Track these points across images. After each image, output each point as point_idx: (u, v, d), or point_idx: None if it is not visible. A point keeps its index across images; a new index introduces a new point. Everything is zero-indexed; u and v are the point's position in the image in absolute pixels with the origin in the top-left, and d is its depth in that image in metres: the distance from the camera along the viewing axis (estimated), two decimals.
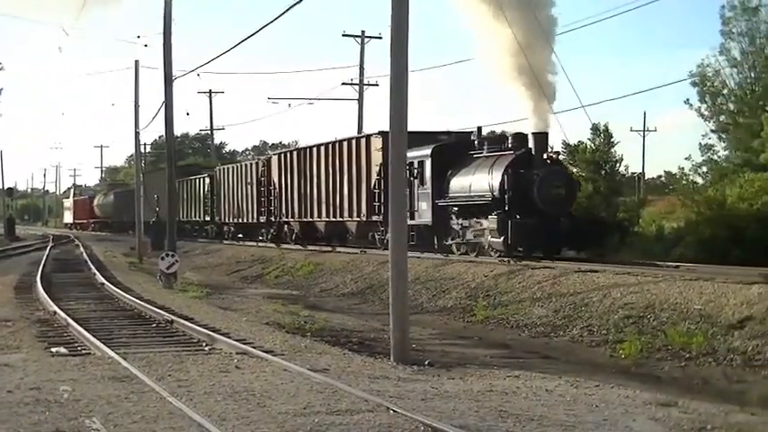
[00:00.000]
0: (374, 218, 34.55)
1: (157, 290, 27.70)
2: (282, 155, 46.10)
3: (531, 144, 27.70)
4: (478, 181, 28.48)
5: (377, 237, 34.87)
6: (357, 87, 55.89)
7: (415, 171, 30.93)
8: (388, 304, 15.91)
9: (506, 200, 27.05)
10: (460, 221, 29.70)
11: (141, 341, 16.90)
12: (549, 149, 27.86)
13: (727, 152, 42.03)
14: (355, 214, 36.52)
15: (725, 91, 40.57)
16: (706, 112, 42.52)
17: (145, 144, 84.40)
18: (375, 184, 34.47)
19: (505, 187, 27.08)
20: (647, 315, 18.57)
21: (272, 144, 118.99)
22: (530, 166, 27.12)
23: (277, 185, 45.10)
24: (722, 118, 41.91)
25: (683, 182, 39.56)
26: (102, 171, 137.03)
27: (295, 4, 21.19)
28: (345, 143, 37.78)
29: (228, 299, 26.27)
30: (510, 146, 28.43)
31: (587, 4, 73.78)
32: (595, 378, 13.81)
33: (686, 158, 60.80)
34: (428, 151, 30.97)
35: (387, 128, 15.90)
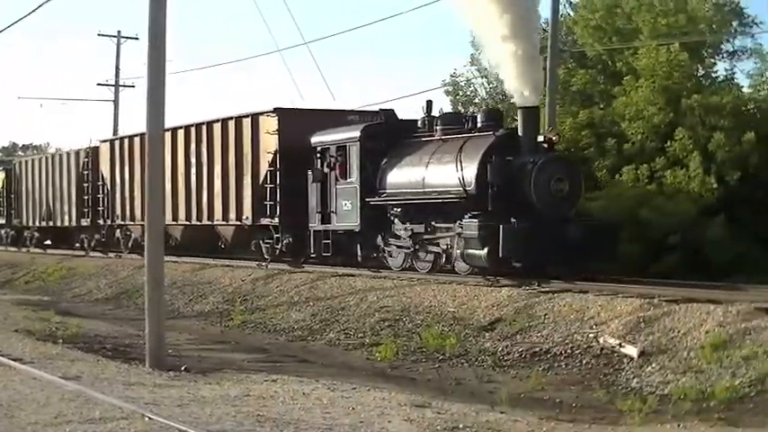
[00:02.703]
0: (264, 221, 26.57)
1: None
2: (118, 142, 35.98)
3: (519, 123, 20.80)
4: (438, 172, 21.32)
5: (264, 245, 26.85)
6: (113, 88, 54.58)
7: (331, 160, 24.05)
8: (143, 309, 15.58)
9: (489, 197, 19.95)
10: (409, 226, 22.35)
11: None
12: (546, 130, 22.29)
13: None
14: (233, 216, 28.16)
15: (476, 99, 41.80)
16: None
17: None
18: (266, 178, 26.36)
19: (487, 180, 19.97)
20: (403, 318, 18.89)
21: (23, 145, 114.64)
22: (518, 153, 20.22)
23: (108, 180, 35.88)
24: None
25: None
26: None
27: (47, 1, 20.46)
28: (218, 125, 29.15)
29: None
30: (481, 125, 21.58)
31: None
32: (352, 381, 13.94)
33: None
34: (355, 134, 23.78)
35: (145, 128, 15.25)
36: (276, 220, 26.03)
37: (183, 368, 14.62)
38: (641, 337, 14.62)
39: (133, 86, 54.21)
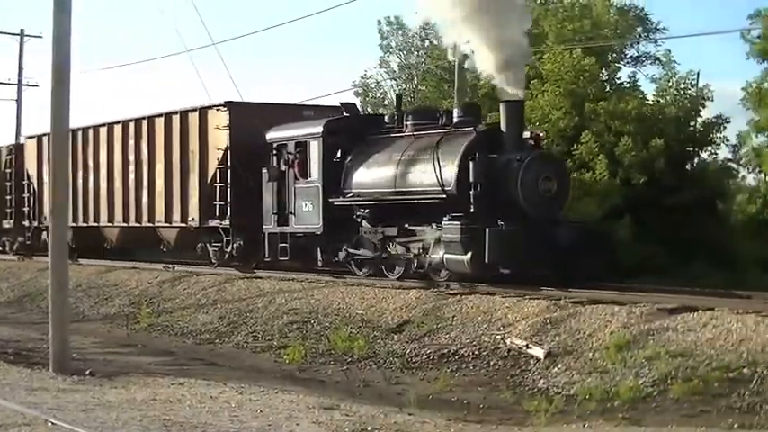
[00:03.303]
0: (213, 223, 24.77)
1: None
2: (46, 138, 30.76)
3: (502, 118, 19.21)
4: (413, 171, 19.82)
5: (211, 249, 25.26)
6: (16, 88, 53.50)
7: (289, 157, 22.37)
8: (47, 312, 15.33)
9: (471, 198, 18.48)
10: (380, 229, 20.73)
11: None
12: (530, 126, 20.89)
13: None
14: (177, 218, 26.31)
15: (386, 102, 41.89)
16: None
17: None
18: (215, 177, 24.70)
19: (470, 180, 18.48)
20: (311, 320, 18.85)
21: None
22: (502, 150, 18.82)
23: (35, 179, 33.29)
24: None
25: None
26: None
27: None
28: (161, 120, 27.19)
29: None
30: (457, 121, 20.10)
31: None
32: (260, 383, 13.88)
33: None
34: (317, 129, 22.09)
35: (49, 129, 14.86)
36: (226, 221, 24.30)
37: (87, 372, 14.40)
38: (548, 339, 14.77)
39: (37, 86, 53.26)
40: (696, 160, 26.07)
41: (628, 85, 29.46)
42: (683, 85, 26.11)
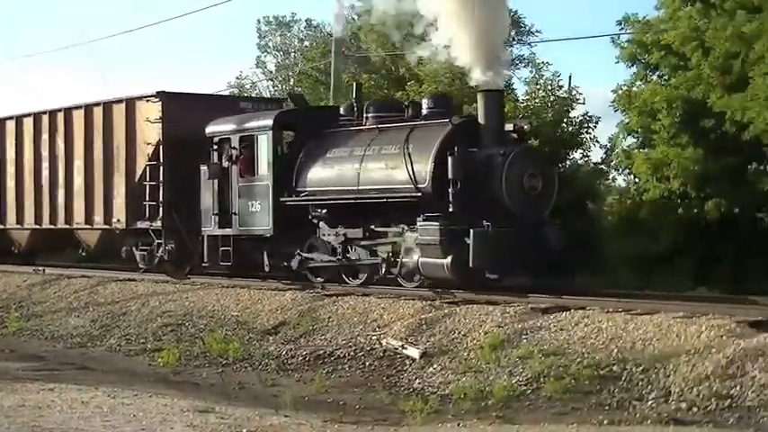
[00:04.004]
0: (142, 224, 23.00)
1: None
2: None
3: (480, 109, 17.71)
4: (379, 167, 18.25)
5: (138, 253, 23.47)
6: None
7: (234, 153, 20.66)
8: None
9: (450, 197, 17.06)
10: (341, 231, 19.12)
11: None
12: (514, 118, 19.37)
13: None
14: (100, 219, 24.33)
15: None
16: None
17: None
18: (144, 174, 22.92)
19: (449, 176, 16.95)
20: (186, 323, 18.65)
21: None
22: (482, 144, 17.41)
23: None
24: None
25: None
26: None
27: None
28: (80, 112, 25.14)
29: None
30: (427, 113, 18.50)
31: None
32: (134, 387, 13.65)
33: None
34: (266, 122, 20.44)
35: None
36: (158, 223, 22.46)
37: None
38: (423, 339, 14.86)
39: None
40: (568, 162, 26.53)
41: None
42: (550, 87, 26.55)
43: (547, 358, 12.95)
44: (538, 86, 27.01)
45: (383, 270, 18.39)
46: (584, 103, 26.59)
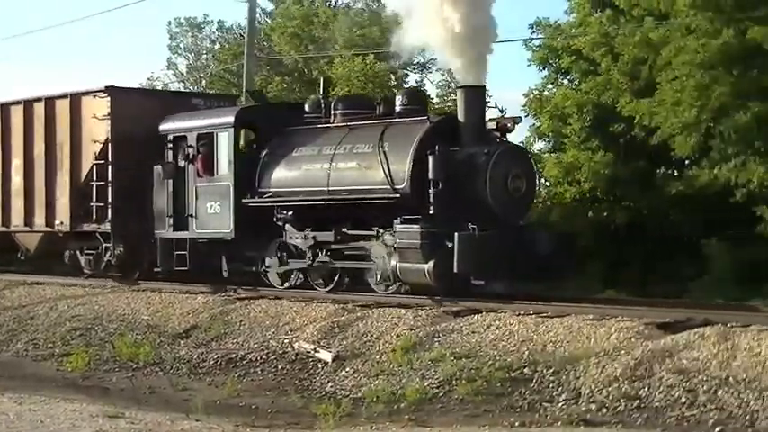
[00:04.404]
0: (88, 227, 21.67)
1: None
2: None
3: (460, 106, 16.91)
4: (351, 167, 17.31)
5: (83, 258, 22.23)
6: None
7: (190, 152, 19.64)
8: None
9: (431, 198, 16.18)
10: (309, 234, 17.97)
11: None
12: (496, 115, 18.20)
13: None
14: (41, 222, 22.86)
15: None
16: None
17: None
18: (91, 174, 21.60)
19: (430, 177, 16.14)
20: (95, 326, 18.40)
21: None
22: (462, 143, 16.53)
23: None
24: None
25: None
26: None
27: None
28: (18, 108, 23.64)
29: None
30: (401, 110, 17.53)
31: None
32: (41, 393, 13.43)
33: None
34: (227, 119, 19.45)
35: None
36: (106, 225, 21.15)
37: None
38: (335, 342, 14.86)
39: None
40: None
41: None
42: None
43: (459, 361, 13.03)
44: (450, 90, 27.24)
45: (376, 276, 17.12)
46: (495, 106, 26.79)
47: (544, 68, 25.17)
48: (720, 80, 19.73)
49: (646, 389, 11.26)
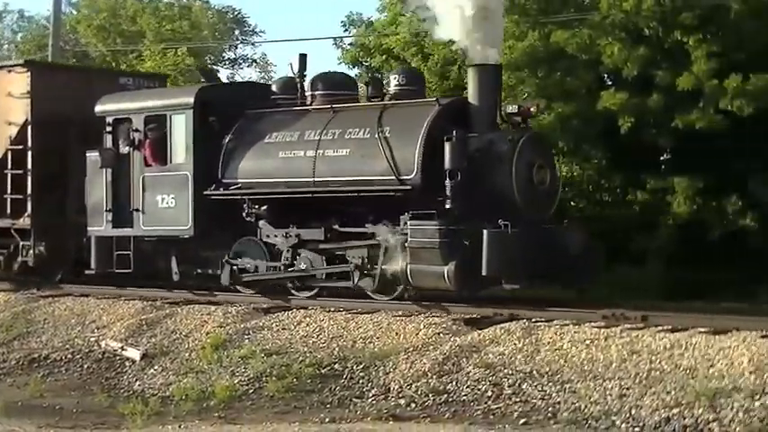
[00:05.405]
0: (2, 223, 18.96)
1: None
2: None
3: (472, 87, 14.82)
4: (344, 155, 14.93)
5: None
6: None
7: (136, 137, 16.95)
8: None
9: (448, 191, 14.00)
10: (292, 232, 15.61)
11: None
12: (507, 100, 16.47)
13: None
14: None
15: None
16: None
17: None
18: (5, 160, 18.86)
19: (447, 166, 13.94)
20: None
21: None
22: (476, 129, 14.46)
23: None
24: None
25: None
26: None
27: None
28: None
29: None
30: (397, 90, 15.40)
31: None
32: None
33: None
34: (186, 99, 16.71)
35: None
36: (25, 220, 18.58)
37: None
38: (143, 340, 14.66)
39: None
40: None
41: None
42: None
43: (269, 358, 13.03)
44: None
45: (357, 279, 14.91)
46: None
47: (355, 67, 25.31)
48: (526, 81, 20.31)
49: (453, 383, 11.48)
